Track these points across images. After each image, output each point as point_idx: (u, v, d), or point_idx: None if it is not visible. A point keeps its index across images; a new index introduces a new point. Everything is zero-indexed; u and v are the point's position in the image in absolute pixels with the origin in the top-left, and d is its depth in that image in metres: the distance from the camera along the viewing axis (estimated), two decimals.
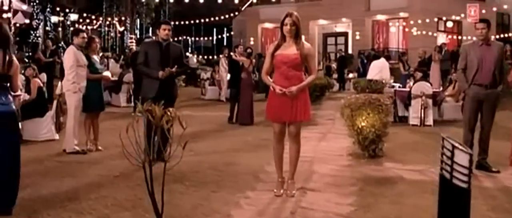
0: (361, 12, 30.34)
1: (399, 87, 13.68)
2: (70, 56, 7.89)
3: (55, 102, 9.39)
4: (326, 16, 32.37)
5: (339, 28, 33.57)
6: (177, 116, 4.33)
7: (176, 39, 45.66)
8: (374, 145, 7.66)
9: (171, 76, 7.47)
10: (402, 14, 28.99)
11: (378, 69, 14.10)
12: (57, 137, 9.31)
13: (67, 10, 34.29)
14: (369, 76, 14.53)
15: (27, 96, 9.48)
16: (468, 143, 6.76)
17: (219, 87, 19.09)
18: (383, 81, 13.72)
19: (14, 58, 4.75)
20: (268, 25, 35.41)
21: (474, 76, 6.75)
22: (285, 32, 5.56)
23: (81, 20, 37.86)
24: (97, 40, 8.51)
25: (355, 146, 7.90)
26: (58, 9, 33.56)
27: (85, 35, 8.19)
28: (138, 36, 40.20)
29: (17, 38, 25.87)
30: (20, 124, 9.24)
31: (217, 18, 39.54)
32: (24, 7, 26.55)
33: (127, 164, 4.29)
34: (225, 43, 44.88)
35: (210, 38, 48.50)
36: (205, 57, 39.44)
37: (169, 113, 4.32)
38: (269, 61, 5.70)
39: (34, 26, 24.25)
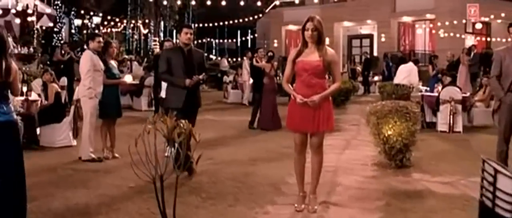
0: (387, 14, 29.82)
1: (426, 91, 13.22)
2: (87, 61, 7.67)
3: (72, 107, 9.18)
4: (351, 18, 31.92)
5: (364, 30, 33.07)
6: (189, 129, 4.05)
7: (199, 41, 45.86)
8: (401, 155, 7.28)
9: (196, 84, 7.01)
10: (428, 16, 28.38)
11: (406, 74, 13.63)
12: (74, 143, 9.11)
13: (92, 13, 34.31)
14: (396, 80, 14.05)
15: (44, 102, 9.32)
16: (503, 154, 6.35)
17: (242, 90, 18.83)
18: (411, 86, 13.21)
19: (13, 63, 4.50)
20: (292, 27, 35.07)
21: (511, 83, 6.32)
22: (307, 37, 5.23)
23: (105, 23, 37.98)
24: (114, 45, 8.28)
25: (381, 155, 7.53)
26: (82, 12, 33.62)
27: (101, 39, 7.97)
28: (161, 38, 40.28)
29: (43, 41, 25.96)
30: (37, 129, 9.20)
31: (241, 20, 39.37)
32: (49, 10, 26.68)
33: (141, 174, 4.02)
34: (249, 45, 44.85)
35: (234, 40, 48.35)
36: (229, 59, 39.33)
37: (181, 125, 4.04)
38: (290, 68, 5.38)
39: (56, 30, 24.14)
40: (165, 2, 33.33)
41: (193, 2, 32.28)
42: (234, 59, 36.48)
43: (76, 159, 7.91)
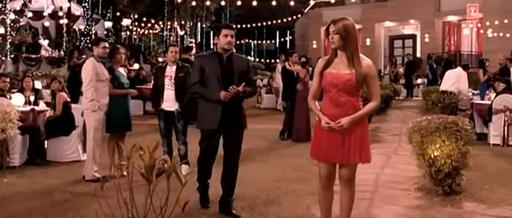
0: (431, 13, 28.35)
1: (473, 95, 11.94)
2: (88, 70, 6.82)
3: (82, 119, 8.38)
4: (393, 18, 30.54)
5: (407, 30, 31.63)
6: (175, 168, 3.10)
7: (237, 43, 45.09)
8: (450, 179, 6.15)
9: (237, 97, 5.42)
10: (476, 15, 26.76)
11: (454, 80, 12.32)
12: (84, 157, 8.25)
13: (127, 15, 33.92)
14: (443, 87, 12.75)
15: (52, 113, 8.56)
16: None
17: (276, 95, 17.90)
18: (460, 94, 11.89)
19: None
20: None
21: None
22: (331, 43, 4.24)
23: (142, 25, 37.59)
24: (122, 50, 7.38)
25: (426, 178, 6.43)
26: (118, 14, 33.24)
27: (106, 44, 7.10)
28: (199, 40, 39.67)
29: (77, 44, 25.66)
30: (45, 142, 8.44)
31: (280, 21, 38.49)
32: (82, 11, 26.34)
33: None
34: (288, 47, 43.93)
35: (273, 41, 47.46)
36: (267, 61, 38.39)
37: (165, 163, 3.10)
38: (317, 81, 4.36)
39: (84, 32, 23.66)
40: (201, 3, 32.77)
41: (238, 2, 31.61)
42: (272, 61, 35.54)
43: (80, 178, 7.08)
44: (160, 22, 38.25)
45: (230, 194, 5.57)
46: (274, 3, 29.87)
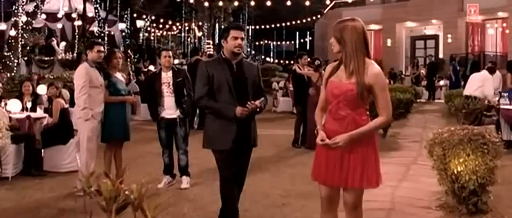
0: (454, 13, 27.49)
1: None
2: (80, 76, 6.34)
3: None
4: (414, 18, 29.73)
5: (429, 30, 30.77)
6: (142, 201, 2.56)
7: (256, 44, 44.59)
8: (476, 197, 5.52)
9: (252, 113, 4.74)
10: (500, 14, 25.86)
11: (479, 84, 11.55)
12: None
13: (144, 16, 33.54)
14: (467, 91, 11.98)
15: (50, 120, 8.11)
16: None
17: (292, 98, 17.30)
18: (486, 99, 11.11)
19: None
20: None
21: None
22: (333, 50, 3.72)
23: (161, 26, 37.26)
24: (119, 55, 6.87)
25: (449, 196, 5.80)
26: (135, 15, 32.89)
27: (101, 48, 6.60)
28: (217, 41, 39.22)
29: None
30: (42, 151, 8.00)
31: (299, 21, 37.94)
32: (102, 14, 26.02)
33: None
34: (308, 48, 43.34)
35: (293, 42, 46.89)
36: (286, 62, 37.78)
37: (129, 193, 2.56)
38: (324, 91, 3.81)
39: (96, 34, 23.29)
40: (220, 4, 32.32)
41: (252, 3, 31.10)
42: (292, 62, 34.93)
43: (73, 192, 6.58)
44: (178, 24, 37.86)
45: None
46: (292, 3, 29.45)
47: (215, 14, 35.86)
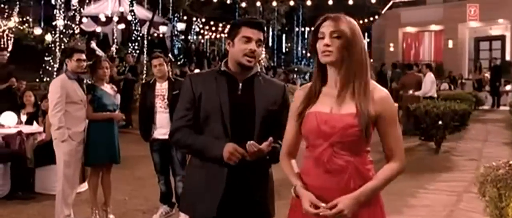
0: None
1: None
2: (55, 91, 5.33)
3: None
4: (478, 18, 27.64)
5: (495, 30, 28.54)
6: None
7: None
8: None
9: (259, 161, 2.88)
10: None
11: None
12: (79, 189, 6.82)
13: (194, 19, 32.94)
14: None
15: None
16: None
17: None
18: None
19: None
20: (410, 29, 31.43)
21: None
22: (321, 56, 2.42)
23: (207, 28, 36.56)
24: (106, 64, 5.77)
25: None
26: (185, 17, 32.32)
27: (83, 56, 5.54)
28: (270, 44, 38.17)
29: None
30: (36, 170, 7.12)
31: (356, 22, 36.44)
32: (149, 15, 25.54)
33: None
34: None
35: None
36: None
37: None
38: (293, 127, 2.56)
39: (133, 38, 22.64)
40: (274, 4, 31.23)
41: (309, 2, 29.93)
42: None
43: None
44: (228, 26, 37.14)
45: None
46: (351, 2, 28.05)
47: (266, 16, 34.82)
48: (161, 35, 29.80)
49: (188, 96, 3.00)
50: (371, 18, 36.31)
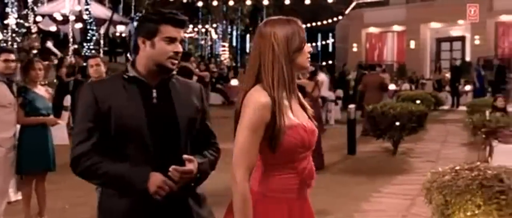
0: (482, 13, 25.59)
1: None
2: None
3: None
4: (440, 18, 27.87)
5: (455, 31, 28.85)
6: None
7: None
8: None
9: (187, 186, 2.46)
10: None
11: None
12: (15, 198, 6.33)
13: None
14: None
15: None
16: None
17: None
18: None
19: None
20: (373, 29, 31.58)
21: None
22: (302, 62, 2.29)
23: None
24: (39, 65, 5.42)
25: None
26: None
27: (11, 56, 5.19)
28: (234, 44, 37.93)
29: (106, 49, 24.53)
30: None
31: (320, 23, 36.44)
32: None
33: None
34: (330, 50, 41.83)
35: (314, 44, 45.33)
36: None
37: None
38: (257, 142, 2.18)
39: (88, 37, 22.17)
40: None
41: (265, 1, 29.76)
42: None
43: None
44: (192, 25, 36.69)
45: None
46: (313, 3, 27.98)
47: (229, 16, 34.56)
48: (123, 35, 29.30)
49: (91, 113, 2.42)
50: (335, 18, 36.43)
